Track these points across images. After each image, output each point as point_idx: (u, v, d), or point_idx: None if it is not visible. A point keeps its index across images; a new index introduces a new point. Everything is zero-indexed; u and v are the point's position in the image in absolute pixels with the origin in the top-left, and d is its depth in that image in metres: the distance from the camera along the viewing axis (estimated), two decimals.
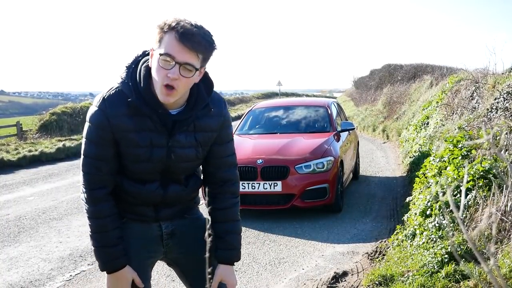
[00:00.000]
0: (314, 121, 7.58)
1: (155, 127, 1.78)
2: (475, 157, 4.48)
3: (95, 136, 1.77)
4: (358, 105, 25.65)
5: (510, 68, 7.13)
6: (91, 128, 1.78)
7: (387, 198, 7.00)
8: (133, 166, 1.83)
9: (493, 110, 5.77)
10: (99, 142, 1.77)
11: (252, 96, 46.24)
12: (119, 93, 1.76)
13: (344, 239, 5.25)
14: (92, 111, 1.78)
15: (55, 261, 4.83)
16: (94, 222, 1.82)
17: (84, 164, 1.81)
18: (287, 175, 5.94)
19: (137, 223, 1.93)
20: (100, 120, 1.75)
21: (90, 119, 1.78)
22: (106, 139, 1.77)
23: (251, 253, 4.91)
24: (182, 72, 1.66)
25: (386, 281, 3.47)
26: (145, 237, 1.94)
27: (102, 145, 1.78)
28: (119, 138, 1.77)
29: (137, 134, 1.77)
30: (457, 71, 12.13)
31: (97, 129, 1.76)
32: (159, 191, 1.88)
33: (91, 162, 1.79)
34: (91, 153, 1.79)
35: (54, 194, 8.02)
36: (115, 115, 1.74)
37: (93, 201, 1.80)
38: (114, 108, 1.75)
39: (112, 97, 1.76)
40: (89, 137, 1.79)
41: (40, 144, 14.06)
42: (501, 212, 3.47)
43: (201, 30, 1.68)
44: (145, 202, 1.90)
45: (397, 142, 12.41)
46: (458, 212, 1.05)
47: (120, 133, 1.76)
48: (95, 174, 1.80)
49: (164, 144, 1.81)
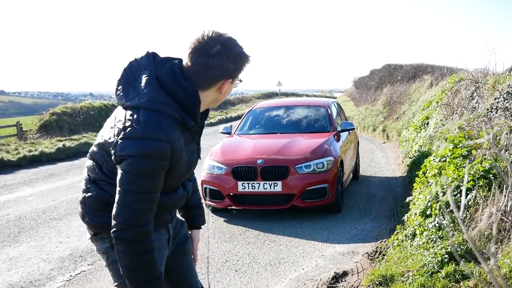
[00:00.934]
0: (314, 121, 7.58)
1: (192, 137, 1.81)
2: (475, 157, 4.48)
3: (155, 169, 1.64)
4: (358, 105, 25.64)
5: (510, 68, 7.13)
6: (148, 162, 1.62)
7: (387, 198, 7.00)
8: (175, 182, 1.82)
9: (493, 110, 5.77)
10: (158, 174, 1.66)
11: (252, 96, 46.23)
12: (167, 117, 1.66)
13: (344, 239, 5.25)
14: (146, 144, 1.61)
15: (55, 261, 4.83)
16: (142, 258, 1.67)
17: (138, 201, 1.64)
18: (287, 175, 5.94)
19: (155, 233, 1.82)
20: (164, 150, 1.63)
21: (151, 154, 1.62)
22: (165, 168, 1.68)
23: (251, 253, 4.91)
24: None
25: (386, 281, 3.47)
26: (161, 246, 1.93)
27: (160, 176, 1.67)
28: (175, 161, 1.70)
29: (185, 149, 1.76)
30: (457, 71, 12.14)
31: (158, 161, 1.63)
32: (185, 193, 1.93)
33: (147, 198, 1.66)
34: (148, 189, 1.64)
35: (54, 194, 8.02)
36: (175, 141, 1.67)
37: (144, 236, 1.66)
38: (173, 134, 1.66)
39: (167, 123, 1.65)
40: (147, 173, 1.63)
41: (40, 144, 14.06)
42: (501, 212, 3.47)
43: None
44: (173, 208, 1.94)
45: (397, 142, 12.41)
46: (458, 212, 1.05)
47: (177, 155, 1.70)
48: (150, 209, 1.67)
49: (196, 148, 1.87)
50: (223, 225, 5.95)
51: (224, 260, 4.69)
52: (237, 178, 6.00)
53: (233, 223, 6.00)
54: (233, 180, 6.02)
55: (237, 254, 4.88)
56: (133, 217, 1.64)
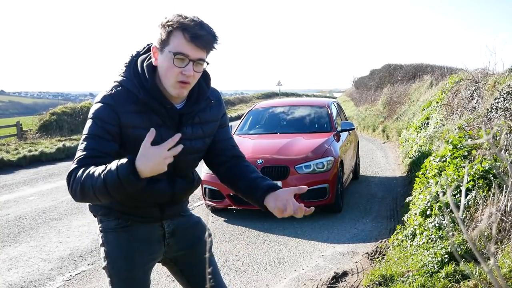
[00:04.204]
0: (314, 121, 7.58)
1: (163, 122, 1.80)
2: (475, 157, 4.48)
3: (100, 130, 1.70)
4: (358, 105, 25.64)
5: (510, 68, 7.13)
6: (95, 123, 1.71)
7: (387, 198, 7.00)
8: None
9: (493, 110, 5.77)
10: (103, 136, 1.70)
11: (252, 96, 46.24)
12: (125, 91, 1.76)
13: (344, 239, 5.25)
14: (97, 107, 1.74)
15: (55, 261, 4.83)
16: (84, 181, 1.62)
17: (78, 156, 1.68)
18: (287, 175, 5.94)
19: (141, 224, 1.92)
20: (108, 114, 1.72)
21: (95, 115, 1.72)
22: (111, 133, 1.72)
23: (251, 253, 4.91)
24: (195, 68, 1.73)
25: (386, 281, 3.47)
26: (149, 238, 1.94)
27: (105, 139, 1.71)
28: (127, 135, 1.75)
29: (146, 130, 1.71)
30: (457, 71, 12.14)
31: (103, 123, 1.71)
32: (167, 189, 1.88)
33: (87, 154, 1.68)
34: (90, 146, 1.68)
35: (54, 194, 8.02)
36: (124, 112, 1.74)
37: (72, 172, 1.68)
38: (123, 105, 1.74)
39: (120, 94, 1.75)
40: (91, 132, 1.70)
41: (40, 144, 14.06)
42: (501, 212, 3.47)
43: (206, 27, 1.73)
44: (153, 202, 1.89)
45: (397, 142, 12.41)
46: (458, 212, 1.05)
47: (129, 129, 1.75)
48: (87, 163, 1.66)
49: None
50: (223, 225, 5.95)
51: (224, 260, 4.69)
52: None
53: (233, 223, 6.00)
54: None
55: (237, 254, 4.88)
56: (72, 167, 1.70)
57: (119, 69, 1.85)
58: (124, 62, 1.85)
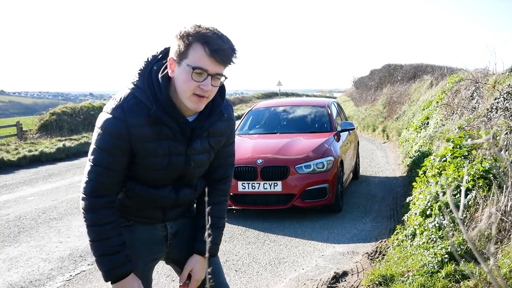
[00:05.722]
0: (314, 121, 7.58)
1: (174, 135, 1.77)
2: (475, 157, 4.48)
3: (110, 146, 1.70)
4: (358, 105, 25.64)
5: (510, 68, 7.12)
6: (105, 137, 1.70)
7: (387, 198, 7.00)
8: (148, 174, 1.81)
9: (493, 110, 5.77)
10: (114, 152, 1.71)
11: (252, 96, 46.24)
12: (136, 102, 1.71)
13: (344, 239, 5.25)
14: (106, 119, 1.71)
15: (55, 261, 4.83)
16: (94, 230, 1.76)
17: (92, 171, 1.73)
18: (287, 175, 5.94)
19: (143, 225, 1.93)
20: (118, 130, 1.69)
21: (105, 128, 1.70)
22: (122, 149, 1.71)
23: (251, 253, 4.91)
24: (213, 82, 1.68)
25: (386, 281, 3.47)
26: (151, 238, 1.94)
27: (116, 155, 1.72)
28: (137, 148, 1.73)
29: (156, 143, 1.74)
30: (457, 71, 12.14)
31: (113, 138, 1.70)
32: (172, 195, 1.88)
33: (100, 171, 1.72)
34: (102, 163, 1.72)
35: (54, 194, 8.02)
36: (135, 125, 1.70)
37: (93, 207, 1.74)
38: (134, 118, 1.69)
39: (131, 107, 1.70)
40: (101, 146, 1.71)
41: (40, 144, 14.07)
42: (501, 212, 3.47)
43: (226, 40, 1.68)
44: (156, 206, 1.90)
45: (397, 142, 12.41)
46: (458, 212, 1.05)
47: (139, 143, 1.72)
48: (102, 183, 1.73)
49: (182, 152, 1.81)
50: None
51: (224, 260, 4.69)
52: (237, 178, 6.00)
53: (233, 223, 5.99)
54: (233, 180, 6.02)
55: (237, 254, 4.88)
56: (88, 187, 1.73)
57: (132, 75, 1.79)
58: (138, 68, 1.78)
